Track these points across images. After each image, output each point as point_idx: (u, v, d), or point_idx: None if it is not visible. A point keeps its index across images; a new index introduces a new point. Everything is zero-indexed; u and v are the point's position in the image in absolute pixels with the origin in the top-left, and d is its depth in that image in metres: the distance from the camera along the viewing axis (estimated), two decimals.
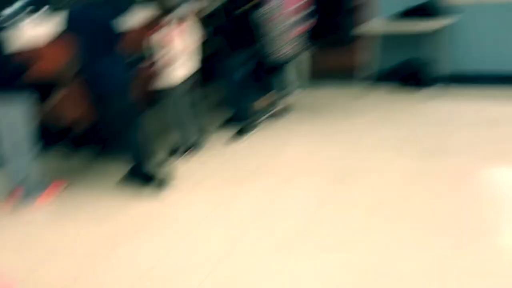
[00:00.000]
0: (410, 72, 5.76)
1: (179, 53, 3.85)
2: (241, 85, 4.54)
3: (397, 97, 5.56)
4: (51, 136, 4.34)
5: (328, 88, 6.11)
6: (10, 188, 3.49)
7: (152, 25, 3.89)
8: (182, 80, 3.97)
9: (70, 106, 3.99)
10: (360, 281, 2.37)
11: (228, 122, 4.83)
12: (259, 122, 4.87)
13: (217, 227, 3.04)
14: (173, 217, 3.22)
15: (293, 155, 4.10)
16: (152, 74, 3.94)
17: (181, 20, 3.86)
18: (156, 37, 3.79)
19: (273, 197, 3.37)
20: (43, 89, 3.62)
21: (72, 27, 3.18)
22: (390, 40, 5.80)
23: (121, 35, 3.44)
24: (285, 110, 5.10)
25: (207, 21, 4.51)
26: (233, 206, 3.29)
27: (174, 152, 4.18)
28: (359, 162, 3.81)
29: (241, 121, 4.61)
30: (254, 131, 4.65)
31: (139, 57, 4.05)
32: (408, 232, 2.78)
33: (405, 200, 3.15)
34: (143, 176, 3.59)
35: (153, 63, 3.86)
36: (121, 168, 3.72)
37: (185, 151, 4.17)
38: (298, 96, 5.69)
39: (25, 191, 3.48)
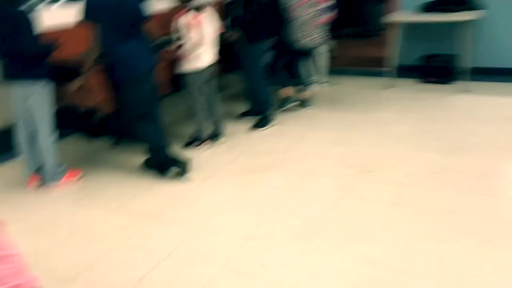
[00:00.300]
0: (434, 65, 5.66)
1: (202, 40, 3.81)
2: (261, 75, 4.49)
3: (421, 90, 5.47)
4: (71, 122, 4.37)
5: (352, 80, 6.05)
6: (29, 174, 3.52)
7: (177, 10, 3.86)
8: (204, 67, 3.94)
9: (91, 92, 4.00)
10: (379, 276, 2.32)
11: (248, 112, 4.79)
12: (280, 113, 4.82)
13: (235, 216, 3.01)
14: (191, 205, 3.20)
15: (314, 146, 4.04)
16: (176, 58, 3.92)
17: (199, 9, 3.82)
18: (181, 22, 3.76)
19: (293, 187, 3.32)
20: (64, 74, 3.62)
21: (95, 12, 3.16)
22: (415, 33, 5.70)
23: (145, 19, 3.42)
24: (307, 101, 5.04)
25: (226, 11, 4.47)
26: (252, 195, 3.26)
27: (194, 140, 4.16)
28: (381, 155, 3.74)
29: (262, 111, 4.57)
30: (274, 122, 4.60)
31: (163, 41, 4.04)
32: (430, 227, 2.71)
33: (428, 195, 3.08)
34: (162, 163, 3.58)
35: (177, 48, 3.83)
36: (140, 155, 3.72)
37: (204, 140, 4.15)
38: (321, 87, 5.63)
39: (43, 176, 3.50)
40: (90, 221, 3.05)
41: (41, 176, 3.50)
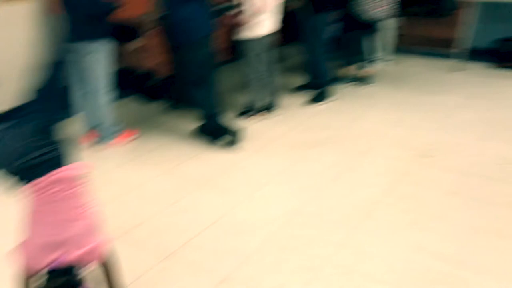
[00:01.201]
0: (511, 49, 5.28)
1: (264, 6, 3.69)
2: (323, 48, 4.34)
3: (492, 75, 5.13)
4: (129, 83, 4.41)
5: (418, 60, 5.77)
6: (86, 131, 3.59)
7: None
8: (264, 35, 3.83)
9: (149, 54, 4.00)
10: (430, 266, 2.20)
11: (306, 86, 4.67)
12: (339, 88, 4.67)
13: (284, 190, 2.95)
14: (240, 175, 3.17)
15: (372, 126, 3.89)
16: (236, 25, 3.83)
17: None
18: None
19: (346, 166, 3.21)
20: (124, 34, 3.63)
21: None
22: (492, 13, 5.32)
23: None
24: (369, 78, 4.85)
25: None
26: (302, 170, 3.18)
27: (248, 110, 4.11)
28: (444, 141, 3.54)
29: (320, 85, 4.44)
30: (332, 97, 4.46)
31: (224, 7, 3.95)
32: (489, 221, 2.54)
33: (490, 186, 2.89)
34: (215, 130, 3.56)
35: (238, 13, 3.74)
36: (194, 120, 3.71)
37: (259, 110, 4.08)
38: (384, 65, 5.40)
39: (99, 134, 3.56)
40: (141, 181, 3.09)
41: (97, 134, 3.57)
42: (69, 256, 1.39)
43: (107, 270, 1.55)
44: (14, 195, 1.55)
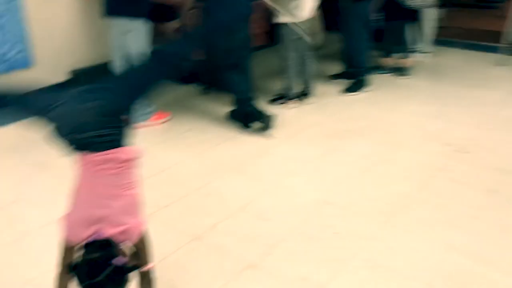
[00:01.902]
0: None
1: None
2: (362, 37, 4.23)
3: None
4: None
5: (460, 53, 5.57)
6: None
7: None
8: (302, 21, 3.76)
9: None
10: (463, 266, 2.12)
11: (341, 75, 4.58)
12: (376, 78, 4.56)
13: (314, 179, 2.91)
14: (271, 161, 3.14)
15: (408, 118, 3.78)
16: (273, 10, 3.77)
17: None
18: None
19: (380, 159, 3.14)
20: (163, 14, 3.62)
21: None
22: None
23: None
24: (407, 69, 4.72)
25: None
26: (334, 161, 3.13)
27: (281, 96, 4.06)
28: (482, 137, 3.43)
29: (356, 74, 4.34)
30: (368, 87, 4.36)
31: None
32: None
33: None
34: (247, 115, 3.53)
35: None
36: (226, 105, 3.70)
37: (292, 98, 4.03)
38: (423, 56, 5.24)
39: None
40: (170, 164, 3.10)
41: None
42: (104, 233, 1.41)
43: (140, 250, 1.56)
44: (69, 160, 1.56)
